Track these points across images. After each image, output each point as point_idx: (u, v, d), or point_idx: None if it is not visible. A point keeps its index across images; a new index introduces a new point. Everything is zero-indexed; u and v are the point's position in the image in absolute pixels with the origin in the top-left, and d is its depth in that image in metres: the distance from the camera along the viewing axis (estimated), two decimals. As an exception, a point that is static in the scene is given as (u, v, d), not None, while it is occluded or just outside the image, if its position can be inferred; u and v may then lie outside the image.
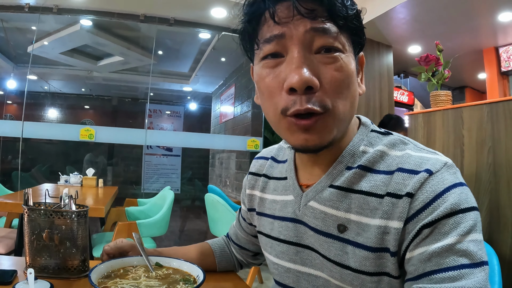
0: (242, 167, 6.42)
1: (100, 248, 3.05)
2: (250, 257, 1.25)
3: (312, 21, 0.72)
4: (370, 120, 0.92)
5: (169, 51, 6.83)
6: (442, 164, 0.73)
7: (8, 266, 1.19)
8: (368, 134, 0.85)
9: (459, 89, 7.74)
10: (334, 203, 0.81)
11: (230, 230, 1.29)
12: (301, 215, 0.87)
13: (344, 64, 0.73)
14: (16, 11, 4.69)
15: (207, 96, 9.46)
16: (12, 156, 7.68)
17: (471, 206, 0.69)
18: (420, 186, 0.70)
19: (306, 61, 0.72)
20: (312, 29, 0.72)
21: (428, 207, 0.68)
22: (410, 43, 5.33)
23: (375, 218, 0.74)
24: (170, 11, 4.88)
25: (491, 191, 2.05)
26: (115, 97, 9.58)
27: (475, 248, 0.66)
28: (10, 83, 7.86)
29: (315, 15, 0.71)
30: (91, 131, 4.67)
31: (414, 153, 0.77)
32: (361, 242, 0.76)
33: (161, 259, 1.05)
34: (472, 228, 0.67)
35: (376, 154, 0.80)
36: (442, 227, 0.67)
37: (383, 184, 0.75)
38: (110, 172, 8.84)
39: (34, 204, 1.17)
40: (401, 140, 0.82)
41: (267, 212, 1.00)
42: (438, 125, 2.44)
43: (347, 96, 0.75)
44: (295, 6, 0.71)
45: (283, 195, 0.95)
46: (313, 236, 0.85)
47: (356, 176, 0.79)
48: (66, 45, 6.26)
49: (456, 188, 0.70)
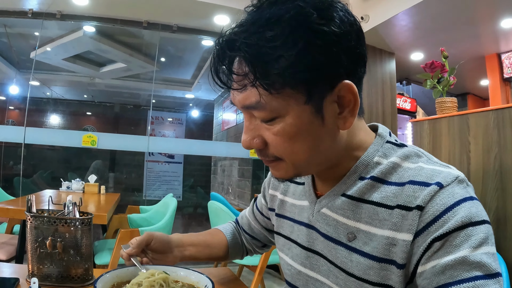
0: (244, 174, 6.41)
1: (102, 255, 3.02)
2: (259, 247, 1.30)
3: (241, 93, 0.73)
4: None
5: (172, 58, 6.84)
6: (454, 178, 0.72)
7: (10, 274, 1.17)
8: (383, 145, 0.84)
9: (461, 96, 7.73)
10: (345, 211, 0.81)
11: (242, 219, 1.32)
12: (314, 221, 0.88)
13: (281, 129, 0.73)
14: (19, 17, 4.71)
15: (209, 103, 9.48)
16: (14, 162, 7.69)
17: (482, 219, 0.68)
18: (430, 199, 0.69)
19: (250, 126, 0.77)
20: (241, 105, 0.75)
21: (438, 220, 0.68)
22: (412, 50, 5.32)
23: (384, 229, 0.74)
24: (173, 18, 4.89)
25: (498, 198, 2.04)
26: (117, 103, 9.61)
27: (488, 260, 0.65)
28: (13, 88, 7.88)
29: (242, 85, 0.72)
30: (93, 137, 4.66)
31: (426, 166, 0.76)
32: (367, 251, 0.76)
33: (168, 268, 1.03)
34: (484, 240, 0.66)
35: (389, 165, 0.79)
36: (453, 239, 0.66)
37: (393, 195, 0.75)
38: (112, 178, 8.83)
39: (37, 211, 1.16)
40: (415, 152, 0.81)
41: (287, 215, 1.01)
42: (444, 132, 2.43)
43: (296, 151, 0.75)
44: (230, 74, 0.73)
45: (300, 200, 0.97)
46: (323, 242, 0.85)
47: (368, 187, 0.79)
48: (69, 51, 6.28)
49: (466, 202, 0.69)
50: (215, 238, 1.26)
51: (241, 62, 0.71)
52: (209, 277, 0.95)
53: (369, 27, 4.35)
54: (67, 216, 1.15)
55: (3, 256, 2.89)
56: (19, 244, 2.89)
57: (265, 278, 3.95)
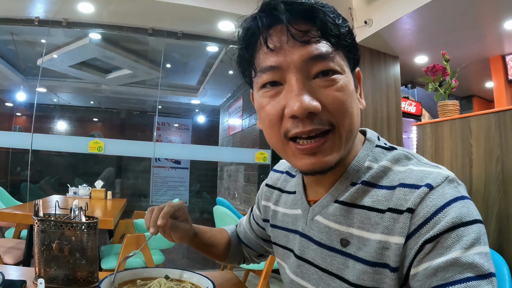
0: (250, 179, 6.41)
1: (108, 260, 3.05)
2: (255, 256, 1.29)
3: (307, 46, 0.73)
4: (377, 133, 0.92)
5: (177, 64, 6.87)
6: (443, 178, 0.72)
7: (17, 276, 1.19)
8: (373, 150, 0.84)
9: (466, 99, 7.70)
10: (337, 218, 0.82)
11: (239, 226, 1.32)
12: (307, 229, 0.89)
13: (344, 85, 0.75)
14: (26, 25, 4.75)
15: (215, 109, 9.48)
16: (21, 168, 7.74)
17: (473, 219, 0.67)
18: (420, 201, 0.70)
19: (305, 87, 0.73)
20: (307, 56, 0.73)
21: (429, 222, 0.68)
22: (416, 53, 5.32)
23: (376, 233, 0.74)
24: (178, 25, 4.92)
25: (500, 200, 2.04)
26: (123, 110, 9.64)
27: (481, 260, 0.64)
28: (20, 95, 7.93)
29: (309, 37, 0.73)
30: (100, 143, 4.69)
31: (416, 168, 0.76)
32: (361, 256, 0.75)
33: (171, 271, 1.05)
34: (475, 240, 0.66)
35: (380, 169, 0.80)
36: (444, 241, 0.66)
37: (384, 199, 0.75)
38: (118, 184, 8.85)
39: (44, 215, 1.19)
40: (405, 155, 0.81)
41: (279, 225, 1.01)
42: (446, 135, 2.43)
43: (351, 114, 0.76)
44: (288, 30, 0.73)
45: (292, 209, 0.97)
46: (315, 250, 0.85)
47: (360, 192, 0.79)
48: (75, 58, 6.32)
49: (457, 202, 0.68)
50: (220, 235, 1.26)
51: (302, 20, 0.74)
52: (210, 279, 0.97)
53: (373, 31, 4.36)
54: (73, 220, 1.18)
55: (10, 260, 2.92)
56: (26, 249, 2.91)
57: (270, 283, 3.95)
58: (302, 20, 0.73)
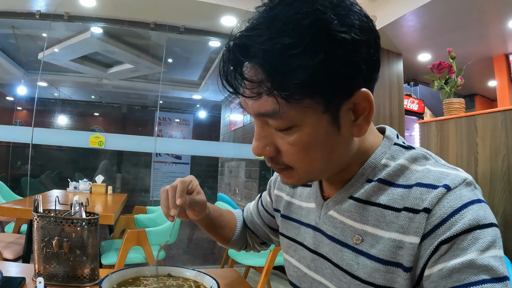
0: (251, 175, 6.41)
1: (108, 255, 3.03)
2: (258, 244, 1.28)
3: (256, 100, 0.70)
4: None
5: (179, 59, 6.86)
6: (461, 180, 0.71)
7: (16, 273, 1.17)
8: (391, 147, 0.83)
9: (469, 97, 7.68)
10: (352, 214, 0.81)
11: (246, 212, 1.29)
12: (320, 224, 0.88)
13: (300, 137, 0.71)
14: (27, 18, 4.74)
15: (216, 104, 9.48)
16: (22, 162, 7.74)
17: (489, 222, 0.67)
18: (437, 202, 0.68)
19: (263, 133, 0.74)
20: (256, 112, 0.71)
21: (445, 222, 0.67)
22: (420, 51, 5.30)
23: (391, 231, 0.73)
24: (180, 19, 4.90)
25: (506, 199, 2.02)
26: (124, 104, 9.65)
27: (496, 263, 0.63)
28: (21, 89, 7.93)
29: (260, 91, 0.67)
30: (100, 138, 4.68)
31: (434, 168, 0.75)
32: (374, 254, 0.75)
33: (173, 269, 1.03)
34: (491, 244, 0.65)
35: (397, 168, 0.78)
36: (460, 242, 0.65)
37: (401, 198, 0.74)
38: (119, 179, 8.86)
39: (44, 211, 1.16)
40: (423, 155, 0.80)
41: (293, 217, 1.00)
42: (452, 133, 2.41)
43: (312, 160, 0.74)
44: (236, 88, 0.71)
45: (307, 202, 0.96)
46: (328, 244, 0.85)
47: (375, 189, 0.79)
48: (77, 52, 6.31)
49: (474, 205, 0.68)
50: (229, 216, 1.23)
51: (255, 69, 0.67)
52: (214, 278, 0.95)
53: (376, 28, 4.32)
54: (73, 216, 1.16)
55: (10, 255, 2.91)
56: (26, 244, 2.91)
57: (271, 279, 3.94)
58: (258, 65, 0.67)
